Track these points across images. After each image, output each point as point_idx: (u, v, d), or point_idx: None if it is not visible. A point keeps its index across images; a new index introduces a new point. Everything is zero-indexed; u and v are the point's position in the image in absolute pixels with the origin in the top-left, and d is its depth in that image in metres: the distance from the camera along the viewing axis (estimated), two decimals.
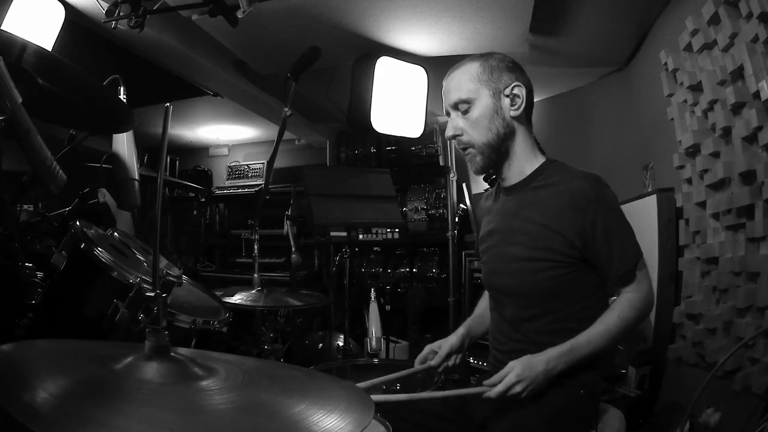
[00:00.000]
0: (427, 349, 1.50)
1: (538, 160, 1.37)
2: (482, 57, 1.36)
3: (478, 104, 1.32)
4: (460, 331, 1.53)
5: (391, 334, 3.26)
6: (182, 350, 0.77)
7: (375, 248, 4.10)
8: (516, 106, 1.32)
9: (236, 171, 5.09)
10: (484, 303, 1.60)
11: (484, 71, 1.33)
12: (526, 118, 1.36)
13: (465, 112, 1.34)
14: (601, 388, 1.37)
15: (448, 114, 1.40)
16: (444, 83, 1.40)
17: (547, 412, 1.23)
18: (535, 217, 1.30)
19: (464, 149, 1.37)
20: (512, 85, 1.32)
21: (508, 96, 1.32)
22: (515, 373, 1.18)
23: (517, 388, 1.17)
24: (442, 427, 1.34)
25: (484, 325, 1.55)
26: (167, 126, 0.75)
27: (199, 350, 0.84)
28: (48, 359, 0.70)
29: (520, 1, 2.32)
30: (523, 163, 1.36)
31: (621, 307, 1.26)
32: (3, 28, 1.69)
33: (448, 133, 1.38)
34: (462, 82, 1.34)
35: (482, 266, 1.49)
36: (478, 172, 1.39)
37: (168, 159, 4.90)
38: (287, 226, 2.17)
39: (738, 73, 1.64)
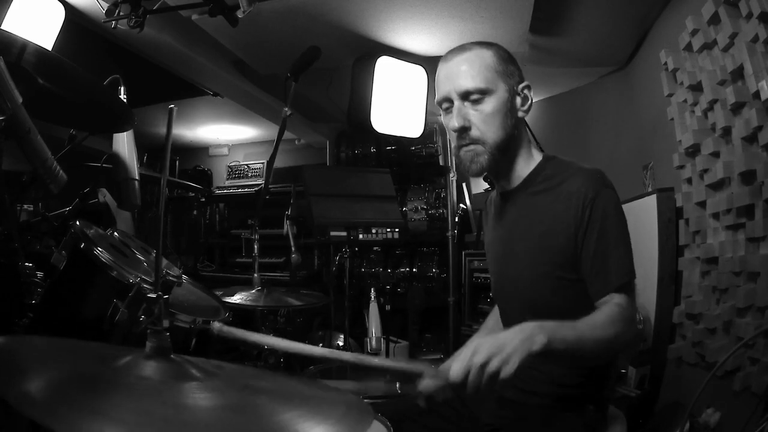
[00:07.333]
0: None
1: (535, 160, 1.27)
2: (490, 45, 1.23)
3: (495, 97, 1.19)
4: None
5: (391, 334, 3.25)
6: (184, 357, 0.77)
7: (375, 248, 4.09)
8: (525, 108, 1.24)
9: (236, 171, 5.08)
10: (493, 319, 1.50)
11: (500, 62, 1.20)
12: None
13: (475, 103, 1.19)
14: (609, 404, 1.33)
15: (447, 101, 1.22)
16: (447, 66, 1.23)
17: (554, 424, 1.21)
18: (535, 229, 1.21)
19: (467, 144, 1.21)
20: (523, 84, 1.24)
21: (519, 95, 1.23)
22: (471, 346, 0.89)
23: (478, 359, 0.86)
24: (449, 428, 1.32)
25: None
26: (171, 127, 0.74)
27: (201, 358, 0.85)
28: (46, 354, 0.70)
29: (520, 1, 2.32)
30: (522, 165, 1.27)
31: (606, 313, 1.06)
32: (3, 28, 1.69)
33: (457, 123, 1.18)
34: (477, 69, 1.18)
35: (490, 277, 1.41)
36: (477, 173, 1.24)
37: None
38: (287, 226, 2.18)
39: (738, 73, 1.64)
